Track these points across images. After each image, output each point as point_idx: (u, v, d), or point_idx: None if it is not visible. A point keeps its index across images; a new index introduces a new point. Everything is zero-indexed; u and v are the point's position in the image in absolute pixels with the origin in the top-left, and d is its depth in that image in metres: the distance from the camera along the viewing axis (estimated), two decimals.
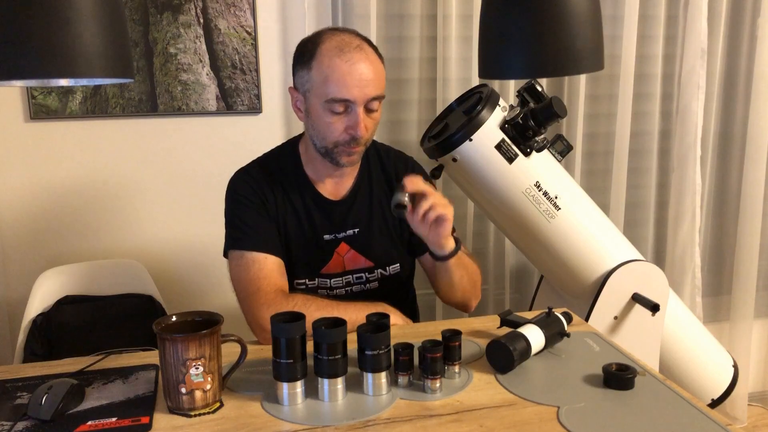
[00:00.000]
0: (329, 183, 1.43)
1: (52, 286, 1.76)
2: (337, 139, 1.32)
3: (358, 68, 1.28)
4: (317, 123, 1.33)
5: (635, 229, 2.30)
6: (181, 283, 2.06)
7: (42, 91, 1.87)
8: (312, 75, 1.31)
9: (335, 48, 1.29)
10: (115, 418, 1.02)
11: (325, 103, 1.30)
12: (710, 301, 2.47)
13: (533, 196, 1.59)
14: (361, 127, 1.29)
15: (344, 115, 1.30)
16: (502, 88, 2.02)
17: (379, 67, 1.32)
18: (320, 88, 1.30)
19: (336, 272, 1.44)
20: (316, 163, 1.42)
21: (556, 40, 1.17)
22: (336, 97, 1.28)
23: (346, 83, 1.27)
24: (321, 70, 1.30)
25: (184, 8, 1.91)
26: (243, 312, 1.33)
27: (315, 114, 1.33)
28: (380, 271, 1.46)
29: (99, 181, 1.97)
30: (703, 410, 1.00)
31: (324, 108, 1.31)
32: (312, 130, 1.36)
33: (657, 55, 2.19)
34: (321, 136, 1.34)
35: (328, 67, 1.29)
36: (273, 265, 1.35)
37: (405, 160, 1.54)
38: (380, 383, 1.07)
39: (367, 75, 1.28)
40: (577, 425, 0.97)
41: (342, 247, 1.43)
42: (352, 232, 1.43)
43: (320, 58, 1.30)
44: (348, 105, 1.29)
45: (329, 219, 1.42)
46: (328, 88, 1.28)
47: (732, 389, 1.91)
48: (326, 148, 1.34)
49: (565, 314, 1.28)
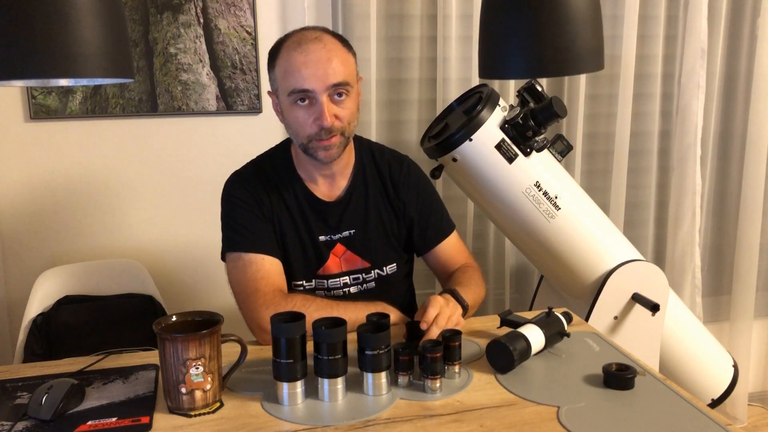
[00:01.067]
0: (322, 184, 1.43)
1: (52, 286, 1.76)
2: (309, 133, 1.32)
3: (314, 57, 1.28)
4: (289, 120, 1.34)
5: (635, 229, 2.30)
6: (181, 283, 2.06)
7: (42, 91, 1.87)
8: (276, 73, 1.34)
9: (294, 43, 1.31)
10: (115, 418, 1.02)
11: (289, 97, 1.31)
12: (710, 301, 2.47)
13: (533, 196, 1.59)
14: (325, 116, 1.28)
15: (310, 106, 1.30)
16: (502, 88, 2.02)
17: (340, 55, 1.31)
18: (283, 83, 1.31)
19: (333, 273, 1.43)
20: (306, 164, 1.42)
21: (556, 40, 1.17)
22: (296, 88, 1.29)
23: (302, 74, 1.28)
24: (281, 65, 1.32)
25: (184, 8, 1.91)
26: (242, 314, 1.33)
27: (286, 111, 1.34)
28: (377, 272, 1.46)
29: (99, 181, 1.97)
30: (703, 410, 1.00)
31: (290, 103, 1.31)
32: (289, 129, 1.37)
33: (657, 55, 2.19)
34: (295, 132, 1.35)
35: (286, 61, 1.30)
36: (270, 266, 1.35)
37: (400, 160, 1.52)
38: (380, 383, 1.07)
39: (324, 63, 1.28)
40: (577, 425, 0.97)
41: (338, 249, 1.43)
42: (348, 234, 1.43)
43: (281, 55, 1.32)
44: (310, 96, 1.29)
45: (324, 220, 1.42)
46: (288, 81, 1.30)
47: (732, 389, 1.91)
48: (303, 144, 1.34)
49: (565, 314, 1.28)
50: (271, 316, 1.06)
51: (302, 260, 1.42)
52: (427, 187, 1.53)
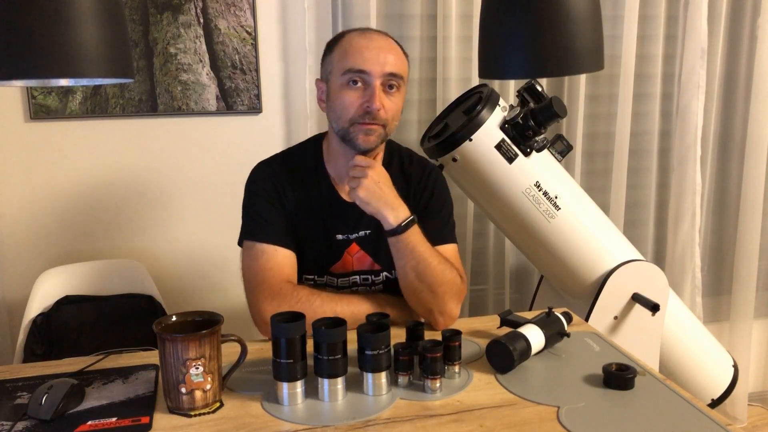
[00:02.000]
0: None
1: (52, 286, 1.76)
2: (353, 115, 1.32)
3: (376, 44, 1.32)
4: (335, 103, 1.35)
5: (635, 229, 2.30)
6: (181, 283, 2.06)
7: (42, 91, 1.87)
8: (333, 56, 1.36)
9: (359, 32, 1.36)
10: (115, 418, 1.02)
11: (343, 76, 1.32)
12: (710, 301, 2.47)
13: (533, 196, 1.60)
14: (376, 99, 1.30)
15: (361, 89, 1.32)
16: (502, 88, 2.02)
17: (399, 53, 1.36)
18: (339, 63, 1.34)
19: (344, 271, 1.44)
20: (337, 160, 1.41)
21: (556, 40, 1.17)
22: (353, 68, 1.31)
23: (363, 55, 1.31)
24: (342, 48, 1.35)
25: (184, 8, 1.91)
26: (247, 303, 1.34)
27: (334, 93, 1.36)
28: (385, 274, 1.45)
29: (99, 181, 1.97)
30: (703, 410, 1.00)
31: (342, 83, 1.33)
32: (331, 113, 1.37)
33: (657, 55, 2.19)
34: (338, 115, 1.35)
35: (349, 44, 1.34)
36: (283, 258, 1.36)
37: (423, 166, 1.48)
38: (380, 383, 1.07)
39: (386, 51, 1.32)
40: (577, 425, 0.97)
41: (353, 248, 1.43)
42: (363, 233, 1.43)
43: (343, 40, 1.36)
44: (365, 79, 1.31)
45: (344, 219, 1.42)
46: (347, 60, 1.32)
47: (732, 389, 1.91)
48: (343, 129, 1.34)
49: (565, 314, 1.28)
50: (271, 316, 1.06)
51: (317, 256, 1.42)
52: (442, 194, 1.48)
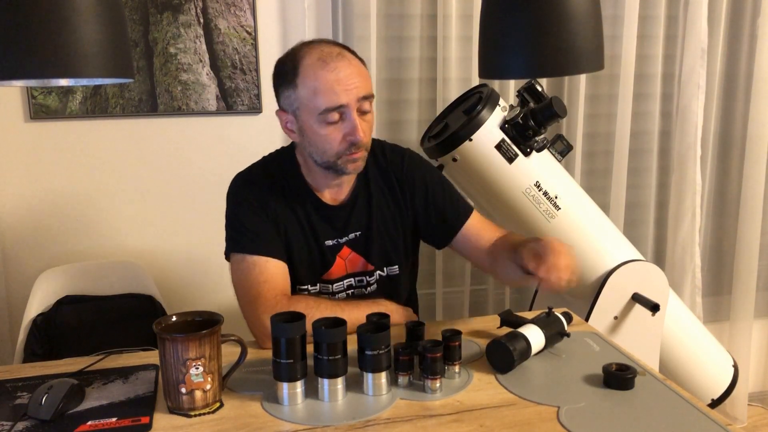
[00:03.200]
0: (328, 191, 1.42)
1: (52, 286, 1.76)
2: (338, 150, 1.31)
3: (345, 73, 1.28)
4: (314, 139, 1.32)
5: (635, 229, 2.30)
6: (181, 283, 2.06)
7: (42, 91, 1.87)
8: (299, 93, 1.30)
9: (318, 60, 1.29)
10: (115, 418, 1.02)
11: (319, 116, 1.29)
12: (710, 301, 2.47)
13: (533, 196, 1.60)
14: (359, 131, 1.28)
15: (340, 123, 1.29)
16: (502, 88, 2.02)
17: (362, 69, 1.32)
18: (311, 103, 1.29)
19: (338, 276, 1.43)
20: (316, 174, 1.40)
21: (556, 40, 1.17)
22: (330, 107, 1.27)
23: (335, 91, 1.27)
24: (307, 84, 1.29)
25: (184, 8, 1.91)
26: (245, 318, 1.32)
27: (310, 131, 1.32)
28: (379, 273, 1.45)
29: (99, 181, 1.97)
30: (703, 410, 1.00)
31: (319, 122, 1.29)
32: (310, 147, 1.34)
33: (657, 55, 2.19)
34: (321, 151, 1.33)
35: (315, 80, 1.28)
36: (274, 268, 1.34)
37: (401, 155, 1.50)
38: (380, 383, 1.07)
39: (354, 77, 1.29)
40: (577, 425, 0.97)
41: (344, 251, 1.42)
42: (354, 236, 1.43)
43: (304, 73, 1.29)
44: (342, 112, 1.28)
45: (331, 224, 1.41)
46: (319, 100, 1.28)
47: (732, 389, 1.91)
48: (328, 162, 1.33)
49: (565, 314, 1.28)
50: (271, 316, 1.06)
51: (308, 265, 1.41)
52: (432, 177, 1.49)
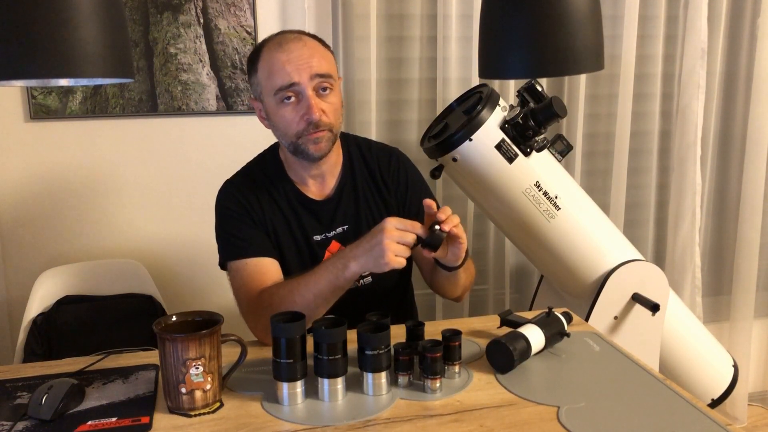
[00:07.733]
0: (312, 184, 1.44)
1: (52, 286, 1.76)
2: (297, 129, 1.32)
3: (297, 53, 1.30)
4: (276, 121, 1.35)
5: (635, 229, 2.30)
6: (181, 283, 2.06)
7: (42, 91, 1.87)
8: (259, 77, 1.34)
9: (274, 44, 1.33)
10: (115, 418, 1.02)
11: (275, 96, 1.31)
12: (710, 301, 2.46)
13: (533, 196, 1.59)
14: (313, 108, 1.29)
15: (296, 103, 1.31)
16: (502, 88, 2.02)
17: (320, 50, 1.34)
18: (268, 84, 1.32)
19: None
20: (295, 166, 1.42)
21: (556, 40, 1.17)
22: (282, 85, 1.29)
23: (286, 70, 1.29)
24: (263, 67, 1.33)
25: (184, 8, 1.91)
26: (245, 320, 1.33)
27: (272, 113, 1.35)
28: None
29: (99, 181, 1.97)
30: (703, 410, 1.00)
31: (276, 102, 1.32)
32: (276, 131, 1.37)
33: (657, 55, 2.19)
34: (283, 133, 1.35)
35: (268, 62, 1.32)
36: (268, 266, 1.35)
37: (389, 153, 1.53)
38: (380, 383, 1.07)
39: (307, 56, 1.30)
40: (577, 425, 0.97)
41: (333, 246, 1.43)
42: (341, 230, 1.44)
43: (262, 58, 1.34)
44: (297, 91, 1.30)
45: (317, 219, 1.43)
46: (273, 79, 1.30)
47: (732, 389, 1.91)
48: (293, 144, 1.34)
49: (565, 314, 1.28)
50: (271, 316, 1.06)
51: (297, 261, 1.42)
52: (417, 180, 1.53)
